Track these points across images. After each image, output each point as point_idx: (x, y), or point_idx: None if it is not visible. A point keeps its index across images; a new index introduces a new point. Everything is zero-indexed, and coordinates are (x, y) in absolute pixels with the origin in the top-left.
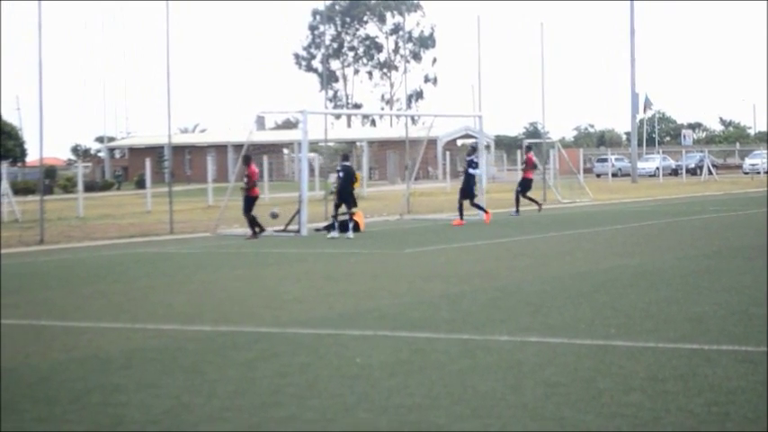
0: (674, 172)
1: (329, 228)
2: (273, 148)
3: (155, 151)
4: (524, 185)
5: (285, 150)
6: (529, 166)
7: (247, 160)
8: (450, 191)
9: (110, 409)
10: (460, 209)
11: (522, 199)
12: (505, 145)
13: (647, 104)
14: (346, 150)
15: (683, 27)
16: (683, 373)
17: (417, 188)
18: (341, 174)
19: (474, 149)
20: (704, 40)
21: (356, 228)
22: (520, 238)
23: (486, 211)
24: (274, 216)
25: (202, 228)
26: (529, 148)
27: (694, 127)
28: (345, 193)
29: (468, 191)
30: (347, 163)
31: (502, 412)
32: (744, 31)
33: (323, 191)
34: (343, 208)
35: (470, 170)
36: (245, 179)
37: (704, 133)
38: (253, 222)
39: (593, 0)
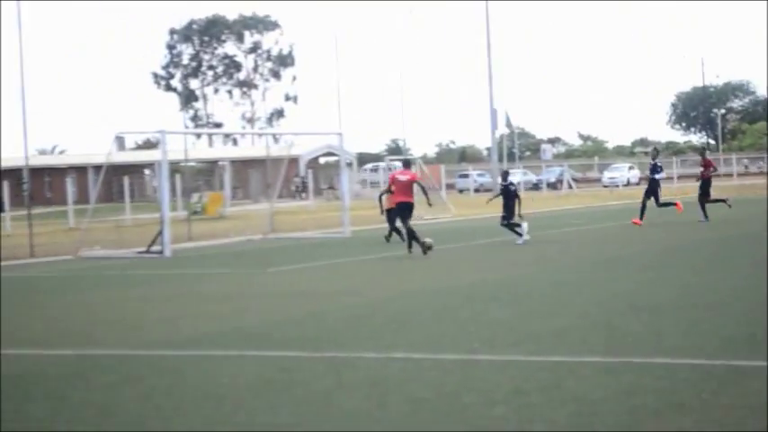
0: (535, 186)
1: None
2: (134, 169)
3: (13, 174)
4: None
5: (146, 171)
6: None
7: None
8: (314, 209)
9: None
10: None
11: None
12: (367, 162)
13: (508, 124)
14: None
15: (542, 43)
16: (547, 385)
17: (281, 207)
18: None
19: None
20: (562, 56)
21: None
22: (383, 255)
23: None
24: None
25: (64, 250)
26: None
27: (554, 141)
28: None
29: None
30: None
31: (368, 429)
32: (604, 41)
33: (185, 211)
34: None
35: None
36: None
37: (564, 148)
38: None
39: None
